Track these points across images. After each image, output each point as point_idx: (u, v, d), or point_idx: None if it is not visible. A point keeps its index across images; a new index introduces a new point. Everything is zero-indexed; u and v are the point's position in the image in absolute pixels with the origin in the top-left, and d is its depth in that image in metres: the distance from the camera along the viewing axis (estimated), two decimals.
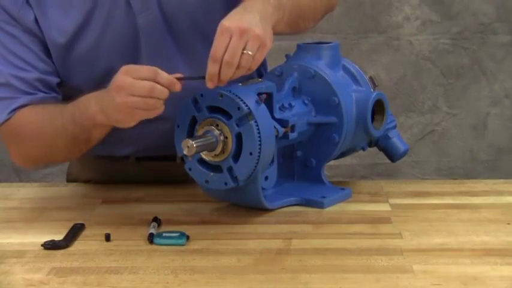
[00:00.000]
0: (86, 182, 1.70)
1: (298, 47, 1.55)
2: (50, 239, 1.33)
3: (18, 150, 1.53)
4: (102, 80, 1.48)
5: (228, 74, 1.33)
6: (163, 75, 1.34)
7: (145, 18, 1.50)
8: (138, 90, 1.32)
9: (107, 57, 1.51)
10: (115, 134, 1.48)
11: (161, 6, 1.50)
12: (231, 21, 1.33)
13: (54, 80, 1.53)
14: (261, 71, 1.68)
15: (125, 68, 1.35)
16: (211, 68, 1.33)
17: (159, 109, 1.34)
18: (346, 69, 1.56)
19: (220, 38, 1.32)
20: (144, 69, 1.34)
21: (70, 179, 1.76)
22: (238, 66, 1.32)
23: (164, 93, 1.33)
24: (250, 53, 1.32)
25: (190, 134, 1.42)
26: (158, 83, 1.33)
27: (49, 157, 1.55)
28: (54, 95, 1.52)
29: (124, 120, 1.37)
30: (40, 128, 1.48)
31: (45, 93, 1.51)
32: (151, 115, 1.35)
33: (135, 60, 1.50)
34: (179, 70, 1.51)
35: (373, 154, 1.72)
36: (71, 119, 1.44)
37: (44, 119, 1.48)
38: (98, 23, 1.49)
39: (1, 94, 1.50)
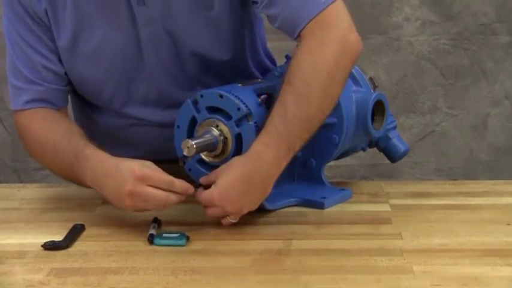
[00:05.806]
0: None
1: None
2: (50, 240, 1.33)
3: (24, 144, 1.55)
4: (103, 83, 1.51)
5: None
6: (179, 184, 1.34)
7: (148, 30, 1.47)
8: (152, 201, 1.33)
9: (110, 61, 1.50)
10: (117, 140, 1.47)
11: (164, 25, 1.47)
12: (223, 195, 1.34)
13: (61, 69, 1.53)
14: (268, 67, 1.65)
15: (140, 174, 1.32)
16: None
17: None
18: None
19: (208, 208, 1.36)
20: (161, 179, 1.33)
21: None
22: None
23: (177, 200, 1.34)
24: (233, 221, 1.37)
25: (190, 135, 1.42)
26: (174, 192, 1.34)
27: (45, 166, 1.57)
28: (61, 87, 1.53)
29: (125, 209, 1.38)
30: (43, 144, 1.50)
31: (50, 83, 1.51)
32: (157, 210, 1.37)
33: (137, 66, 1.50)
34: (180, 82, 1.50)
35: (373, 155, 1.71)
36: (69, 166, 1.44)
37: (49, 140, 1.48)
38: (102, 24, 1.48)
39: (16, 82, 1.52)
